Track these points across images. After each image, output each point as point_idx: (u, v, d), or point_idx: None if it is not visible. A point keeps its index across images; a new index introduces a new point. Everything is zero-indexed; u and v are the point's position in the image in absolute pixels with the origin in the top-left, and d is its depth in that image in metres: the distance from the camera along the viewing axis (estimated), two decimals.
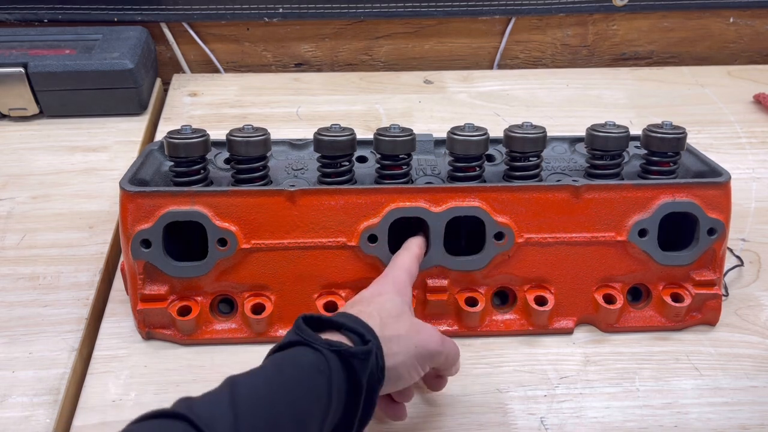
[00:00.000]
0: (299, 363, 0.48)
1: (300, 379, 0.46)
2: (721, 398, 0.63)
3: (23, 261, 0.76)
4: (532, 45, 1.19)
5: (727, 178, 0.68)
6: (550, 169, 0.75)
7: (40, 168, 0.90)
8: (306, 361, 0.48)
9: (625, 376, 0.65)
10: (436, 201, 0.65)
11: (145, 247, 0.64)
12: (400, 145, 0.67)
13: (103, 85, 0.97)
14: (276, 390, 0.45)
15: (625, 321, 0.69)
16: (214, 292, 0.67)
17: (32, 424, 0.59)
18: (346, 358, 0.48)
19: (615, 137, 0.70)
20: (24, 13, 1.06)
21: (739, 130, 1.02)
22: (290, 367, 0.47)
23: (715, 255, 0.68)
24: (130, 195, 0.64)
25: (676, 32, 1.20)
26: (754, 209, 0.86)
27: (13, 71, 0.95)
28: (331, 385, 0.47)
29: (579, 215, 0.67)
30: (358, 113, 1.04)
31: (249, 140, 0.66)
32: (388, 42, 1.17)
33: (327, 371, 0.47)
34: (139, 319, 0.66)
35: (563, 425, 0.60)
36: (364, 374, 0.49)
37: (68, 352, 0.66)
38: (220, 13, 1.09)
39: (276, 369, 0.47)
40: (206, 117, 1.03)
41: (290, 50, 1.16)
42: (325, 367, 0.47)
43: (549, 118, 1.02)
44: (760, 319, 0.71)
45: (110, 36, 1.03)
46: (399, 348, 0.53)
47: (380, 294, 0.58)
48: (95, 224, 0.81)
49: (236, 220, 0.65)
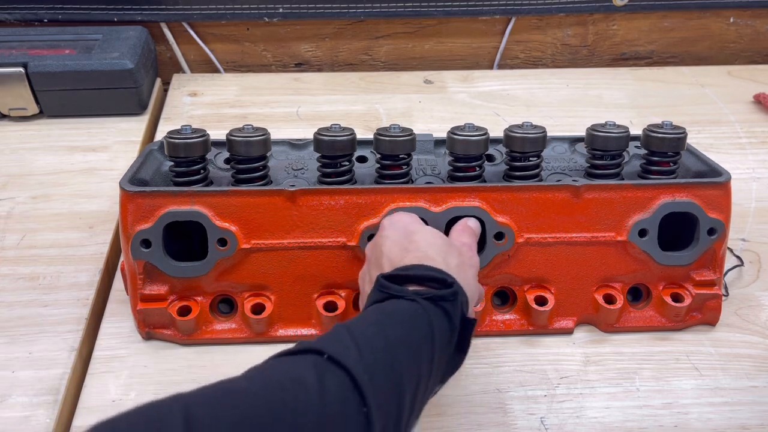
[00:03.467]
0: (399, 309, 0.50)
1: (404, 320, 0.49)
2: (721, 398, 0.63)
3: (23, 261, 0.76)
4: (532, 45, 1.19)
5: (727, 178, 0.68)
6: (550, 169, 0.75)
7: (40, 168, 0.90)
8: (403, 308, 0.50)
9: (625, 376, 0.65)
10: (436, 201, 0.65)
11: (145, 247, 0.64)
12: (400, 145, 0.67)
13: (103, 85, 0.97)
14: (386, 327, 0.47)
15: (625, 321, 0.69)
16: (214, 292, 0.67)
17: (32, 424, 0.59)
18: (437, 303, 0.50)
19: (615, 137, 0.69)
20: (24, 13, 1.06)
21: (739, 130, 1.02)
22: (393, 313, 0.49)
23: (715, 255, 0.68)
24: (130, 195, 0.64)
25: (676, 32, 1.20)
26: (754, 209, 0.86)
27: (13, 71, 0.95)
28: (432, 327, 0.49)
29: (579, 215, 0.67)
30: (358, 113, 1.04)
31: (249, 140, 0.66)
32: (388, 42, 1.17)
33: (425, 315, 0.49)
34: (139, 319, 0.66)
35: (563, 425, 0.60)
36: (456, 313, 0.51)
37: (68, 352, 0.66)
38: (220, 13, 1.09)
39: (380, 313, 0.50)
40: (206, 117, 1.03)
41: (290, 50, 1.16)
42: (422, 312, 0.49)
43: (549, 118, 1.02)
44: (760, 319, 0.71)
45: (110, 36, 1.03)
46: (465, 274, 0.56)
47: (414, 233, 0.58)
48: (95, 224, 0.81)
49: (236, 220, 0.65)
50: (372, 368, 0.43)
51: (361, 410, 0.41)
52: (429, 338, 0.49)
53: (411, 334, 0.48)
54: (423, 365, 0.47)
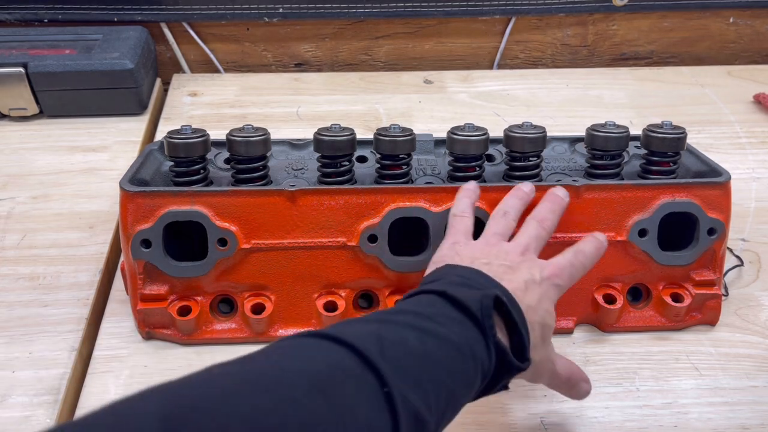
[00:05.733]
0: (466, 345, 0.45)
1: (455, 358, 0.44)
2: (721, 398, 0.63)
3: (23, 261, 0.76)
4: (532, 45, 1.19)
5: (727, 178, 0.68)
6: (550, 169, 0.75)
7: (40, 168, 0.90)
8: (473, 346, 0.46)
9: (625, 376, 0.65)
10: (436, 201, 0.65)
11: (145, 247, 0.64)
12: (400, 145, 0.67)
13: (103, 85, 0.97)
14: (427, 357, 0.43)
15: (625, 321, 0.69)
16: (214, 292, 0.67)
17: (32, 424, 0.59)
18: (504, 364, 0.47)
19: (615, 137, 0.69)
20: (24, 13, 1.06)
21: (739, 130, 1.02)
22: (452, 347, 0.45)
23: (715, 255, 0.68)
24: (130, 195, 0.64)
25: (676, 32, 1.20)
26: (754, 209, 0.86)
27: (13, 71, 0.95)
28: (480, 381, 0.46)
29: (579, 215, 0.67)
30: (358, 113, 1.04)
31: (249, 140, 0.66)
32: (388, 42, 1.17)
33: (486, 367, 0.46)
34: (139, 319, 0.66)
35: (563, 425, 0.60)
36: (509, 378, 0.49)
37: (68, 352, 0.66)
38: (220, 13, 1.09)
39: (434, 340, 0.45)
40: (206, 117, 1.03)
41: (290, 50, 1.16)
42: (486, 363, 0.46)
43: (549, 118, 1.02)
44: (760, 319, 0.71)
45: (110, 36, 1.03)
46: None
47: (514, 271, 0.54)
48: (95, 224, 0.81)
49: (236, 220, 0.65)
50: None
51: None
52: (471, 384, 0.46)
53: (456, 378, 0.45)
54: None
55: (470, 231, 0.60)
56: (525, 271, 0.54)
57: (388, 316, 0.46)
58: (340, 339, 0.40)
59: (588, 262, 0.58)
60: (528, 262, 0.55)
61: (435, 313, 0.46)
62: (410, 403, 0.39)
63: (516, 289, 0.51)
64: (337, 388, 0.37)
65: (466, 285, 0.50)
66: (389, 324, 0.44)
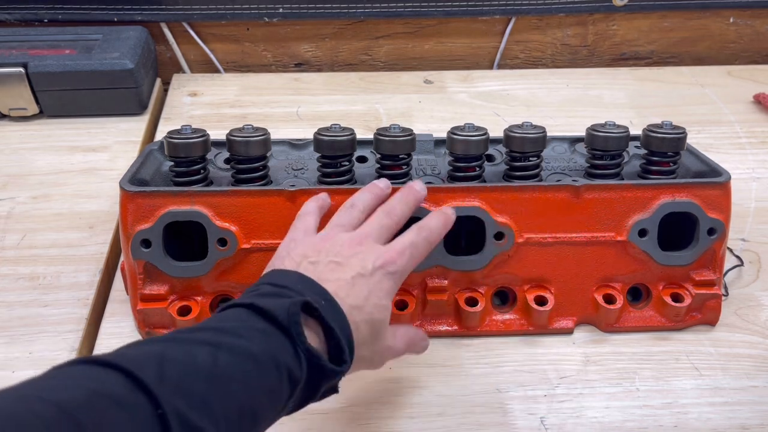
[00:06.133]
0: (267, 355, 0.44)
1: (251, 372, 0.43)
2: (721, 398, 0.63)
3: (23, 261, 0.76)
4: (532, 45, 1.19)
5: (727, 178, 0.68)
6: (550, 169, 0.75)
7: (40, 168, 0.90)
8: (277, 356, 0.45)
9: (625, 376, 0.65)
10: (435, 201, 0.65)
11: (145, 247, 0.64)
12: (400, 145, 0.67)
13: (103, 85, 0.97)
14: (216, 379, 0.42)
15: (625, 321, 0.69)
16: (214, 292, 0.67)
17: None
18: (319, 370, 0.46)
19: (615, 137, 0.70)
20: (24, 13, 1.06)
21: (739, 130, 1.02)
22: (249, 360, 0.44)
23: (715, 255, 0.68)
24: (130, 195, 0.64)
25: (676, 32, 1.20)
26: (754, 209, 0.86)
27: (13, 71, 0.95)
28: (290, 390, 0.45)
29: (579, 215, 0.67)
30: (358, 113, 1.04)
31: (249, 140, 0.66)
32: (388, 42, 1.17)
33: (297, 375, 0.45)
34: (139, 319, 0.66)
35: (563, 425, 0.60)
36: (331, 382, 0.48)
37: (68, 352, 0.66)
38: (220, 13, 1.09)
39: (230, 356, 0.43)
40: (206, 117, 1.03)
41: (290, 50, 1.16)
42: (296, 371, 0.45)
43: (549, 118, 1.02)
44: (760, 319, 0.71)
45: (110, 36, 1.03)
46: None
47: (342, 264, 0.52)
48: (95, 224, 0.81)
49: (236, 220, 0.65)
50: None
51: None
52: (278, 397, 0.45)
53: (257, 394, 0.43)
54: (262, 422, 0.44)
55: (312, 228, 0.59)
56: (355, 265, 0.52)
57: (181, 334, 0.45)
58: (113, 363, 0.39)
59: (433, 236, 0.57)
60: (362, 254, 0.53)
61: (238, 326, 0.45)
62: (191, 422, 0.38)
63: (339, 289, 0.51)
64: (93, 415, 0.36)
65: (276, 295, 0.49)
66: (179, 343, 0.43)
